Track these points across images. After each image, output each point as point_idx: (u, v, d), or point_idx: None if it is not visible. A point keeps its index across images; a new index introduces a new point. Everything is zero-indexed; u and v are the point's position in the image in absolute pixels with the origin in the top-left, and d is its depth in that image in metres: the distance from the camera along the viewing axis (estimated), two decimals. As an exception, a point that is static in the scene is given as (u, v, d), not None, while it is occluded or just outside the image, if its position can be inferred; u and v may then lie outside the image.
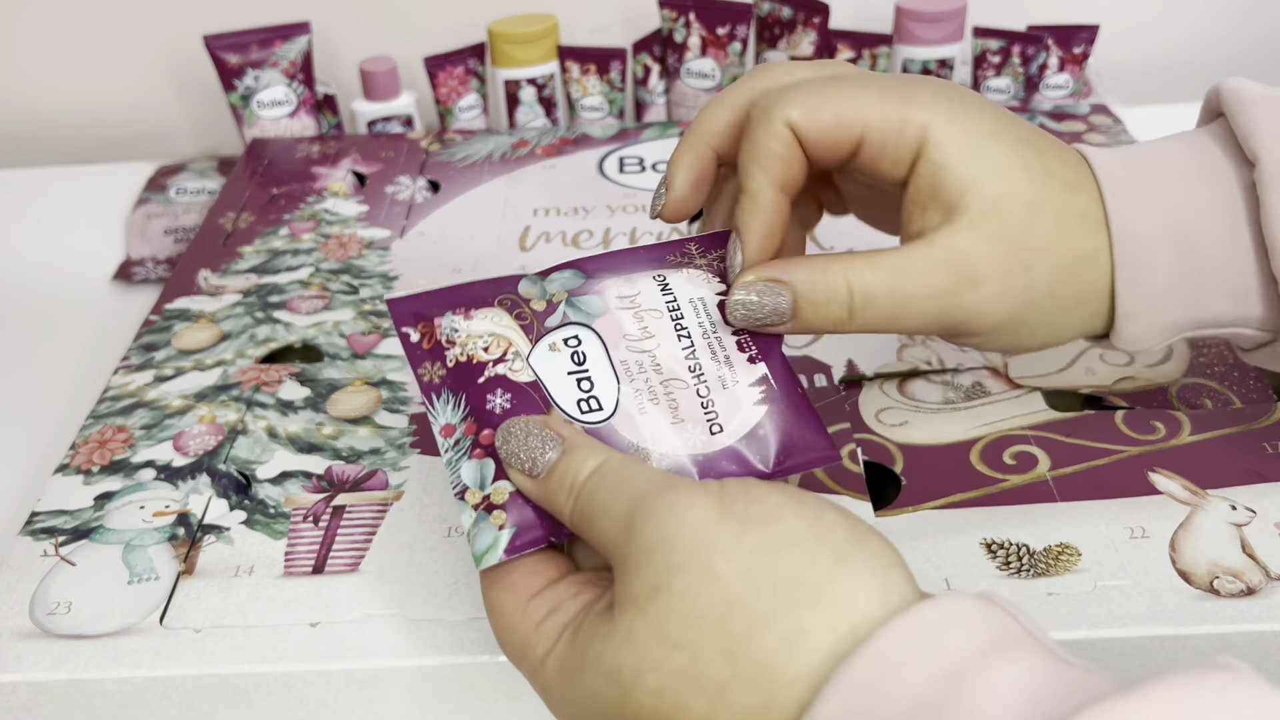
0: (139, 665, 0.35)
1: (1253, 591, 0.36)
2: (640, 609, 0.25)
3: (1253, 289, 0.33)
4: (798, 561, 0.24)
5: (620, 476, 0.27)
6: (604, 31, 0.80)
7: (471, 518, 0.30)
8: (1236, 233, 0.32)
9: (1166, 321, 0.33)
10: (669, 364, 0.32)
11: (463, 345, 0.33)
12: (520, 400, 0.31)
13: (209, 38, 0.68)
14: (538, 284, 0.34)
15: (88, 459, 0.43)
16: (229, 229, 0.60)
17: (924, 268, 0.31)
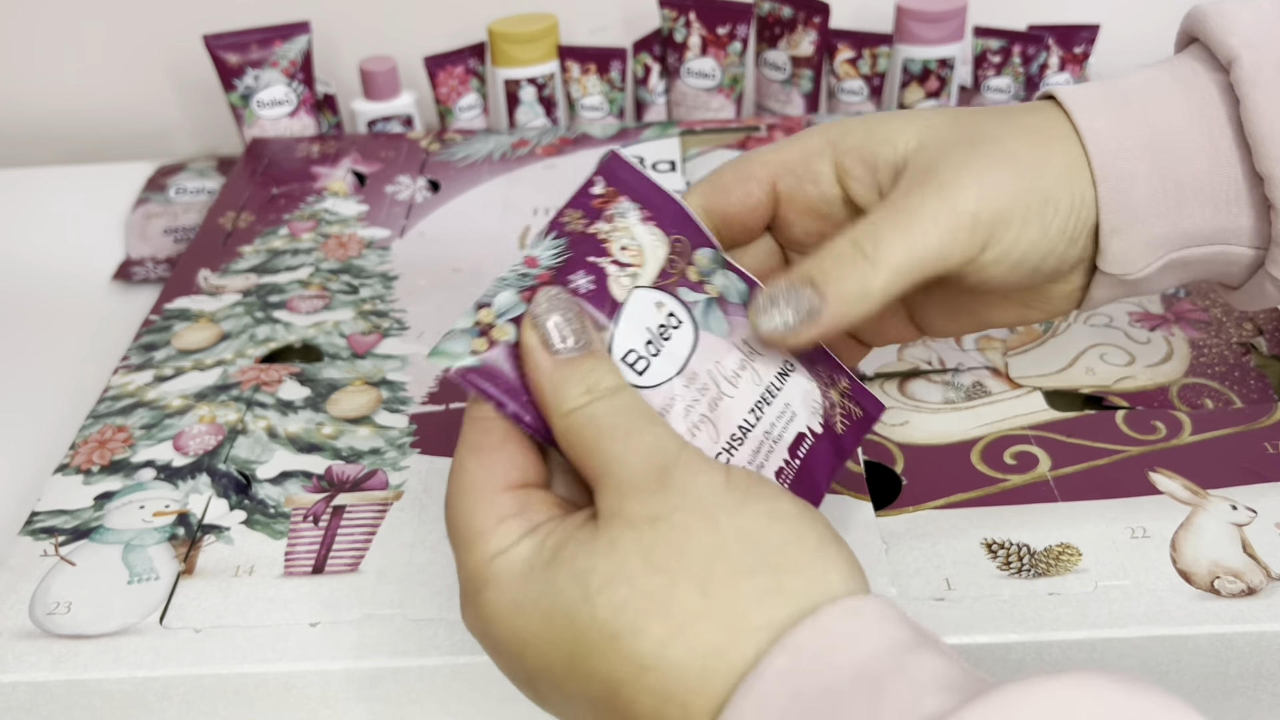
0: (139, 665, 0.35)
1: (1253, 591, 0.36)
2: (633, 526, 0.25)
3: (1237, 195, 0.32)
4: (788, 535, 0.26)
5: (646, 411, 0.28)
6: (604, 31, 0.80)
7: (463, 326, 0.29)
8: (1215, 138, 0.32)
9: (1151, 236, 0.32)
10: (726, 411, 0.31)
11: (613, 230, 0.32)
12: (596, 297, 0.30)
13: (209, 37, 0.68)
14: (713, 263, 0.33)
15: (87, 459, 0.43)
16: (229, 229, 0.60)
17: (915, 198, 0.31)
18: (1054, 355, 0.47)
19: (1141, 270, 0.33)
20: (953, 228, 0.30)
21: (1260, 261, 0.33)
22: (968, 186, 0.31)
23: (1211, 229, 0.33)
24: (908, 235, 0.30)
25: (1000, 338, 0.48)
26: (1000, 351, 0.47)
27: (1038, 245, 0.32)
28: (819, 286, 0.30)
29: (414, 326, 0.51)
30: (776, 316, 0.31)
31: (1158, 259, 0.33)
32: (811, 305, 0.30)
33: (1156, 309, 0.50)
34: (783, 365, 0.33)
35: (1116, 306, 0.50)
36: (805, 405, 0.33)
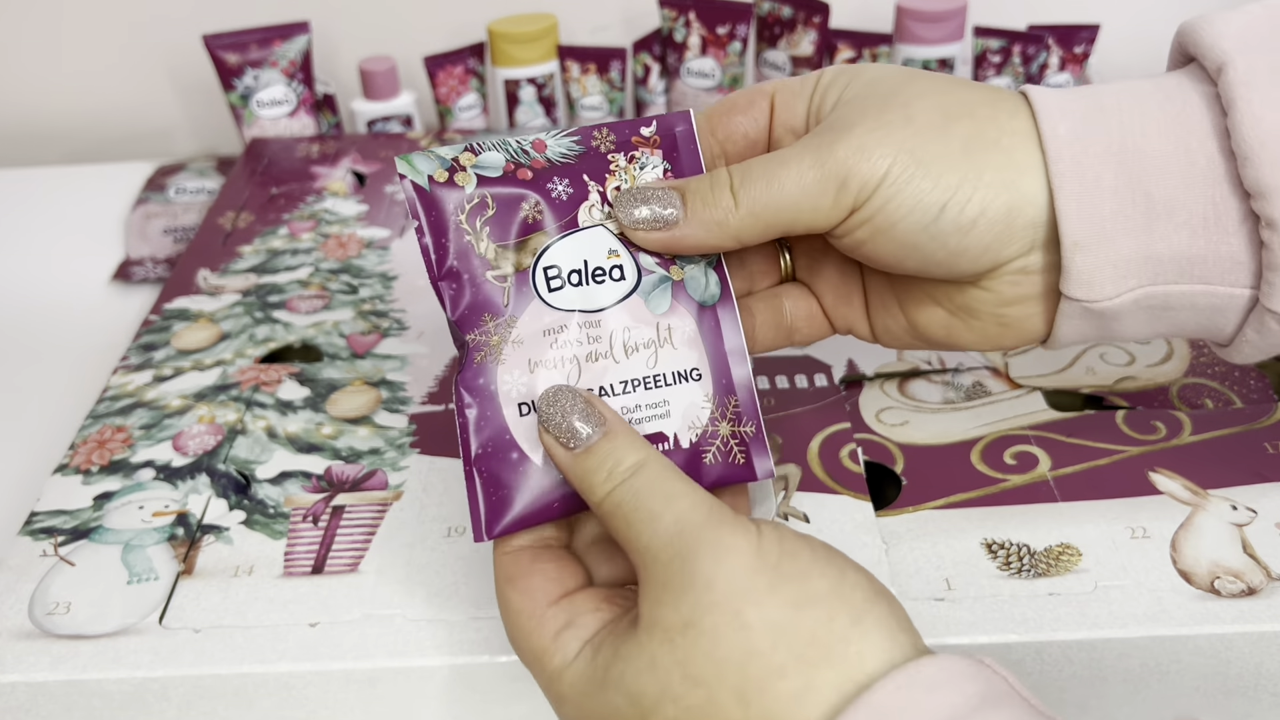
0: (138, 666, 0.35)
1: (1254, 592, 0.36)
2: (668, 639, 0.26)
3: (1218, 218, 0.29)
4: (818, 619, 0.26)
5: (666, 486, 0.28)
6: (604, 31, 0.80)
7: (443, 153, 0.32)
8: (1191, 150, 0.29)
9: (1120, 256, 0.30)
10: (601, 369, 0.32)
11: (625, 170, 0.33)
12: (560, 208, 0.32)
13: (208, 37, 0.68)
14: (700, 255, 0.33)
15: (87, 459, 0.43)
16: (228, 228, 0.60)
17: (800, 149, 0.31)
18: (1054, 355, 0.47)
19: (1111, 299, 0.30)
20: (817, 182, 0.30)
21: (1253, 304, 0.30)
22: (844, 144, 0.30)
23: (1190, 256, 0.29)
24: (770, 182, 0.30)
25: (1000, 338, 0.48)
26: (1000, 351, 0.47)
27: (909, 217, 0.30)
28: (686, 202, 0.31)
29: (413, 326, 0.51)
30: (640, 209, 0.32)
31: (1129, 289, 0.30)
32: (673, 215, 0.31)
33: (1156, 309, 0.50)
34: (690, 371, 0.32)
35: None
36: (684, 414, 0.32)
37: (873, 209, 0.30)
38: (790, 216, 0.31)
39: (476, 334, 0.31)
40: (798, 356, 0.48)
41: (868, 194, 0.30)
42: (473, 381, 0.31)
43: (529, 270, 0.32)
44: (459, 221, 0.32)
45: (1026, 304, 0.32)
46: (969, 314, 0.33)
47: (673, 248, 0.32)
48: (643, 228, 0.32)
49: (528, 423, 0.31)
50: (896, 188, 0.30)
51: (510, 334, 0.31)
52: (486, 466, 0.31)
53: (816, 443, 0.43)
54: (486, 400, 0.31)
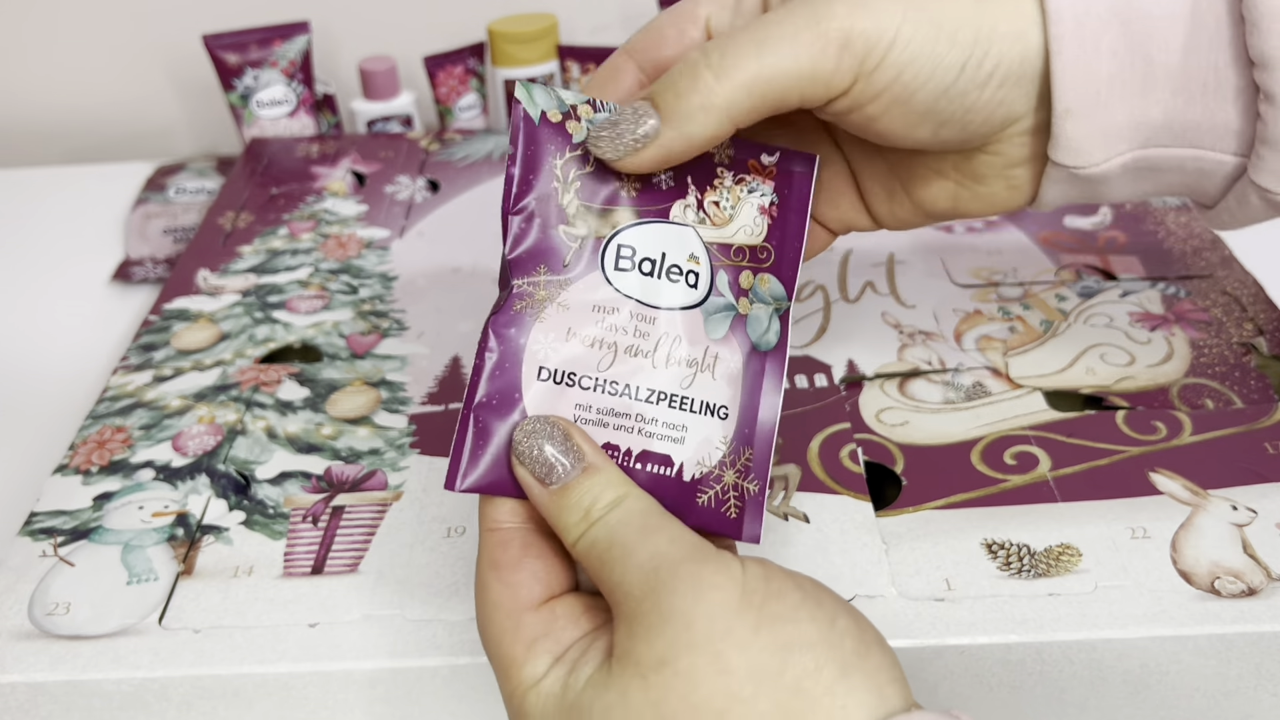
0: (138, 666, 0.35)
1: (1254, 592, 0.36)
2: (641, 676, 0.24)
3: (1217, 85, 0.27)
4: (805, 668, 0.24)
5: (644, 522, 0.26)
6: (604, 31, 0.79)
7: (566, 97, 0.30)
8: (1201, 12, 0.27)
9: (1111, 123, 0.28)
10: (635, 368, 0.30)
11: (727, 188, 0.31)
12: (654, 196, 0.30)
13: (208, 37, 0.68)
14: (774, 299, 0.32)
15: (86, 459, 0.43)
16: (228, 229, 0.60)
17: (789, 8, 0.28)
18: (1054, 355, 0.47)
19: (1099, 165, 0.29)
20: (817, 46, 0.27)
21: (1240, 172, 0.29)
22: (843, 5, 0.27)
23: (1183, 122, 0.28)
24: (760, 48, 0.27)
25: (1000, 338, 0.48)
26: (1000, 352, 0.47)
27: (929, 83, 0.28)
28: (658, 103, 0.28)
29: (413, 327, 0.51)
30: (614, 142, 0.28)
31: (1118, 154, 0.29)
32: (652, 127, 0.28)
33: (1157, 309, 0.50)
34: (718, 407, 0.31)
35: (1117, 306, 0.50)
36: (697, 447, 0.30)
37: (887, 77, 0.27)
38: (785, 85, 0.27)
39: (525, 281, 0.30)
40: (798, 356, 0.48)
41: (877, 58, 0.27)
42: (504, 328, 0.30)
43: (603, 240, 0.30)
44: (554, 166, 0.30)
45: (1035, 163, 0.31)
46: (976, 180, 0.32)
47: (669, 159, 0.28)
48: (629, 154, 0.28)
49: (543, 388, 0.29)
50: (912, 51, 0.27)
51: (559, 294, 0.30)
52: (484, 417, 0.29)
53: (816, 443, 0.43)
54: (511, 351, 0.29)
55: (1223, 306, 0.50)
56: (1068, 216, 0.57)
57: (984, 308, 0.50)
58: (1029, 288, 0.52)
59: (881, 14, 0.27)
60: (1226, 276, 0.52)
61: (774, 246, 0.32)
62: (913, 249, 0.55)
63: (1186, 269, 0.53)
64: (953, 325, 0.49)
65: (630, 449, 0.30)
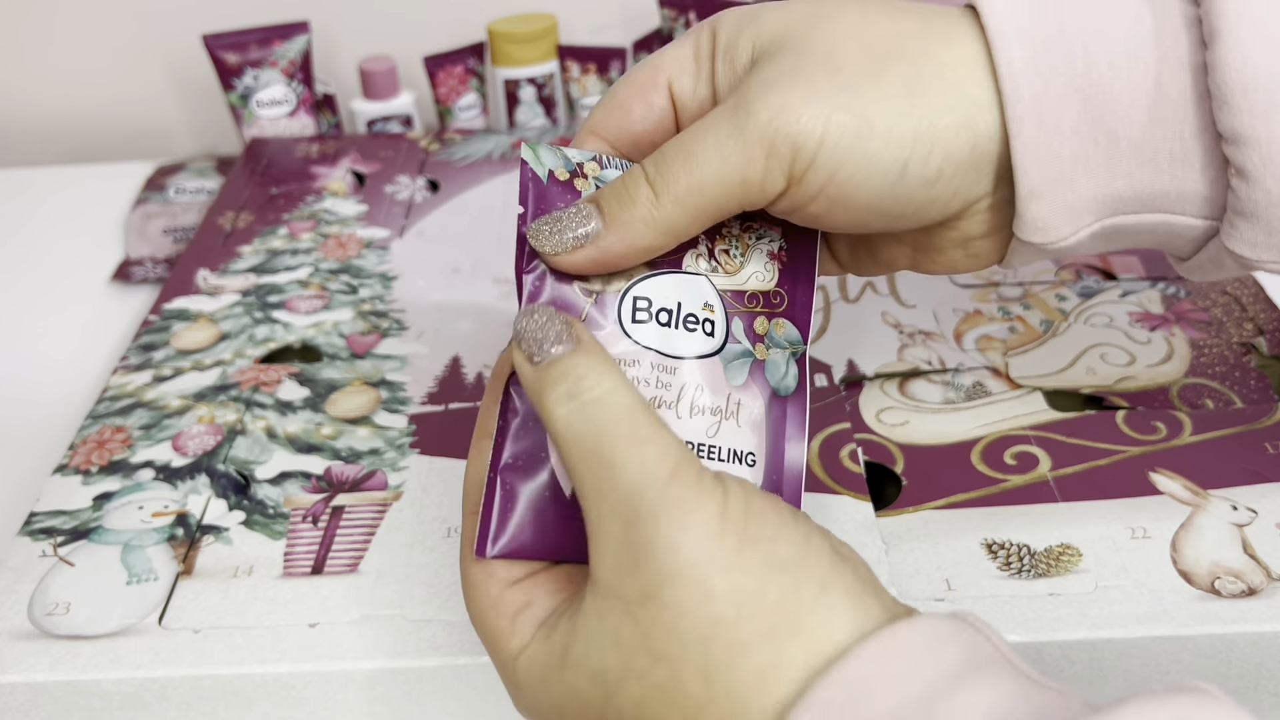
0: (138, 666, 0.35)
1: (1254, 592, 0.36)
2: (629, 612, 0.24)
3: (1184, 156, 0.27)
4: (784, 588, 0.24)
5: (631, 427, 0.25)
6: (604, 31, 0.79)
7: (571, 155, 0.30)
8: (1164, 85, 0.26)
9: (1078, 199, 0.28)
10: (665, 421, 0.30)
11: (736, 236, 0.31)
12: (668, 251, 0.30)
13: (208, 37, 0.68)
14: (789, 344, 0.31)
15: (86, 459, 0.43)
16: (228, 229, 0.59)
17: (713, 118, 0.28)
18: (1054, 355, 0.47)
19: (1067, 239, 0.29)
20: (743, 154, 0.27)
21: (1211, 233, 0.28)
22: (763, 105, 0.27)
23: (1150, 193, 0.28)
24: (688, 161, 0.27)
25: (1001, 338, 0.48)
26: (1000, 351, 0.47)
27: (868, 182, 0.27)
28: (604, 212, 0.28)
29: (413, 327, 0.51)
30: (559, 234, 0.28)
31: (1085, 226, 0.28)
32: (594, 228, 0.28)
33: (1157, 309, 0.50)
34: (745, 454, 0.30)
35: (1117, 306, 0.50)
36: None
37: (820, 179, 0.27)
38: (719, 195, 0.27)
39: None
40: (798, 356, 0.48)
41: (806, 161, 0.27)
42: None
43: (619, 293, 0.30)
44: None
45: (997, 235, 0.30)
46: (936, 250, 0.31)
47: (606, 264, 0.29)
48: (565, 252, 0.28)
49: None
50: (842, 153, 0.27)
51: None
52: (510, 479, 0.29)
53: (816, 443, 0.43)
54: (533, 411, 0.29)
55: (1223, 306, 0.50)
56: (1068, 216, 0.57)
57: (984, 308, 0.50)
58: (1029, 288, 0.52)
59: (804, 115, 0.26)
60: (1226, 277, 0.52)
61: (786, 291, 0.32)
62: (913, 249, 0.55)
63: (1186, 269, 0.53)
64: (953, 325, 0.49)
65: None
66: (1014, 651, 0.24)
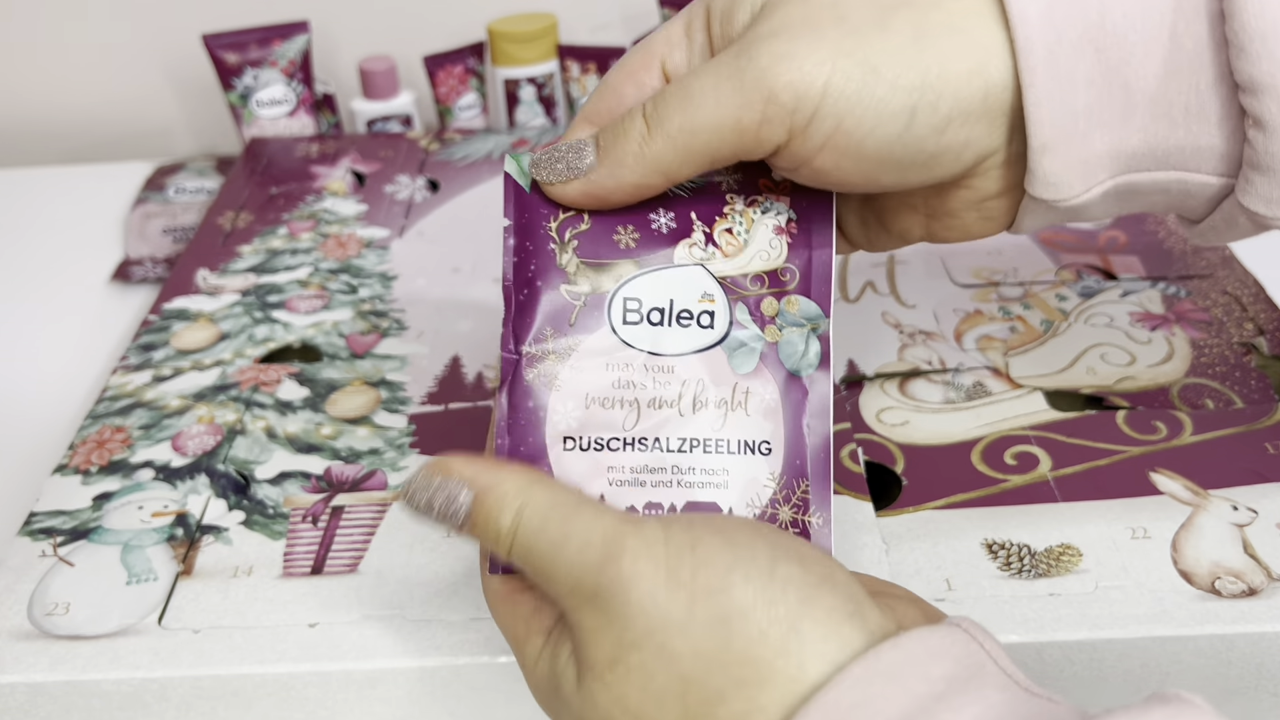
0: (137, 666, 0.35)
1: (1254, 592, 0.35)
2: (600, 678, 0.25)
3: (1200, 109, 0.26)
4: (748, 637, 0.23)
5: (550, 534, 0.25)
6: (604, 30, 0.79)
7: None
8: (1178, 34, 0.26)
9: (1090, 154, 0.27)
10: (663, 420, 0.30)
11: (739, 213, 0.31)
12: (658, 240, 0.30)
13: (208, 36, 0.68)
14: (806, 320, 0.31)
15: (86, 459, 0.43)
16: (227, 228, 0.59)
17: (716, 61, 0.27)
18: (1055, 355, 0.47)
19: (1079, 196, 0.28)
20: (740, 99, 0.26)
21: (1226, 191, 0.28)
22: (764, 51, 0.26)
23: (1165, 148, 0.27)
24: (684, 100, 0.27)
25: (1001, 338, 0.48)
26: (1001, 351, 0.47)
27: (875, 132, 0.26)
28: (600, 145, 0.29)
29: (413, 326, 0.51)
30: (551, 167, 0.29)
31: (1098, 183, 0.28)
32: (588, 162, 0.28)
33: (1157, 309, 0.50)
34: (759, 444, 0.30)
35: (1117, 306, 0.50)
36: (744, 489, 0.29)
37: (826, 129, 0.26)
38: (713, 139, 0.27)
39: (535, 347, 0.29)
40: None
41: (809, 110, 0.26)
42: (520, 400, 0.29)
43: (606, 295, 0.30)
44: (549, 229, 0.30)
45: (1010, 195, 0.30)
46: (949, 215, 0.31)
47: (597, 197, 0.29)
48: (558, 181, 0.29)
49: (570, 458, 0.29)
50: (848, 101, 0.26)
51: (570, 356, 0.29)
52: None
53: (817, 443, 0.43)
54: (531, 424, 0.29)
55: (1223, 306, 0.50)
56: (1068, 216, 0.57)
57: (984, 307, 0.50)
58: (1029, 287, 0.52)
59: (807, 62, 0.26)
60: (1227, 276, 0.52)
61: (798, 266, 0.31)
62: (913, 249, 0.55)
63: (1187, 269, 0.53)
64: (953, 325, 0.49)
65: (674, 504, 0.29)
66: (1008, 657, 0.23)
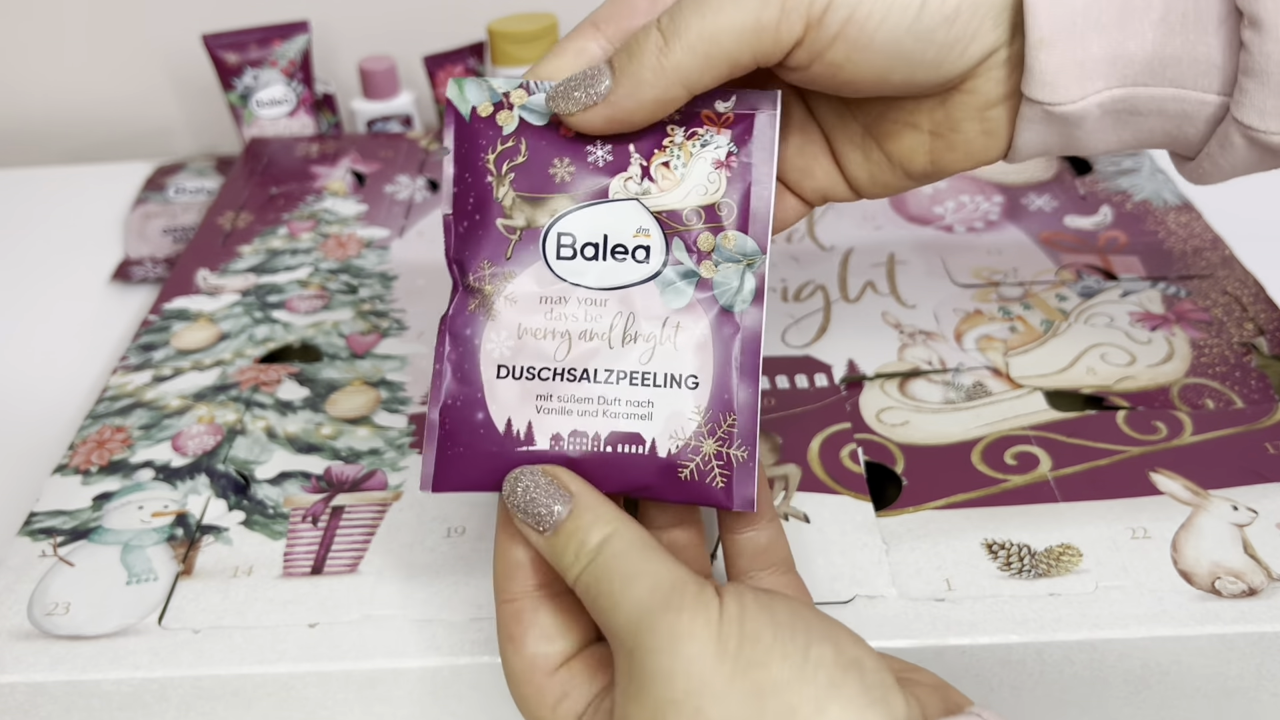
0: (137, 666, 0.35)
1: (1254, 592, 0.35)
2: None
3: (1197, 15, 0.26)
4: (779, 712, 0.24)
5: (628, 566, 0.27)
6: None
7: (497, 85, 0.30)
8: None
9: (1088, 55, 0.27)
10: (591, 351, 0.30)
11: (678, 147, 0.30)
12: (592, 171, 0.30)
13: (208, 37, 0.68)
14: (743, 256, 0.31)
15: (86, 459, 0.43)
16: (227, 228, 0.59)
17: None
18: (1055, 355, 0.47)
19: (1076, 102, 0.28)
20: (759, 2, 0.27)
21: (1222, 113, 0.28)
22: None
23: (1163, 57, 0.27)
24: (705, 10, 0.27)
25: (1001, 338, 0.48)
26: (1001, 351, 0.47)
27: (886, 22, 0.27)
28: (614, 66, 0.28)
29: (413, 326, 0.51)
30: (568, 97, 0.29)
31: (1095, 91, 0.28)
32: (605, 86, 0.28)
33: (1157, 309, 0.50)
34: (685, 378, 0.30)
35: (1117, 306, 0.50)
36: (668, 421, 0.30)
37: (839, 18, 0.27)
38: (734, 42, 0.27)
39: (473, 278, 0.30)
40: (798, 357, 0.47)
41: (824, 2, 0.27)
42: (460, 329, 0.30)
43: (540, 230, 0.30)
44: (487, 160, 0.30)
45: (1011, 101, 0.30)
46: (952, 128, 0.31)
47: (620, 120, 0.29)
48: (578, 110, 0.29)
49: (503, 385, 0.30)
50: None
51: (505, 287, 0.30)
52: (450, 419, 0.30)
53: (816, 443, 0.43)
54: (468, 352, 0.30)
55: (1223, 306, 0.50)
56: (1068, 216, 0.57)
57: (984, 308, 0.50)
58: (1029, 287, 0.52)
59: None
60: (1227, 276, 0.52)
61: (735, 201, 0.31)
62: (913, 249, 0.55)
63: (1187, 269, 0.53)
64: (953, 325, 0.49)
65: (598, 433, 0.30)
66: None
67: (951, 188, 0.61)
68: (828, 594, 0.36)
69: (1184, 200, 0.58)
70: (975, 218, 0.58)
